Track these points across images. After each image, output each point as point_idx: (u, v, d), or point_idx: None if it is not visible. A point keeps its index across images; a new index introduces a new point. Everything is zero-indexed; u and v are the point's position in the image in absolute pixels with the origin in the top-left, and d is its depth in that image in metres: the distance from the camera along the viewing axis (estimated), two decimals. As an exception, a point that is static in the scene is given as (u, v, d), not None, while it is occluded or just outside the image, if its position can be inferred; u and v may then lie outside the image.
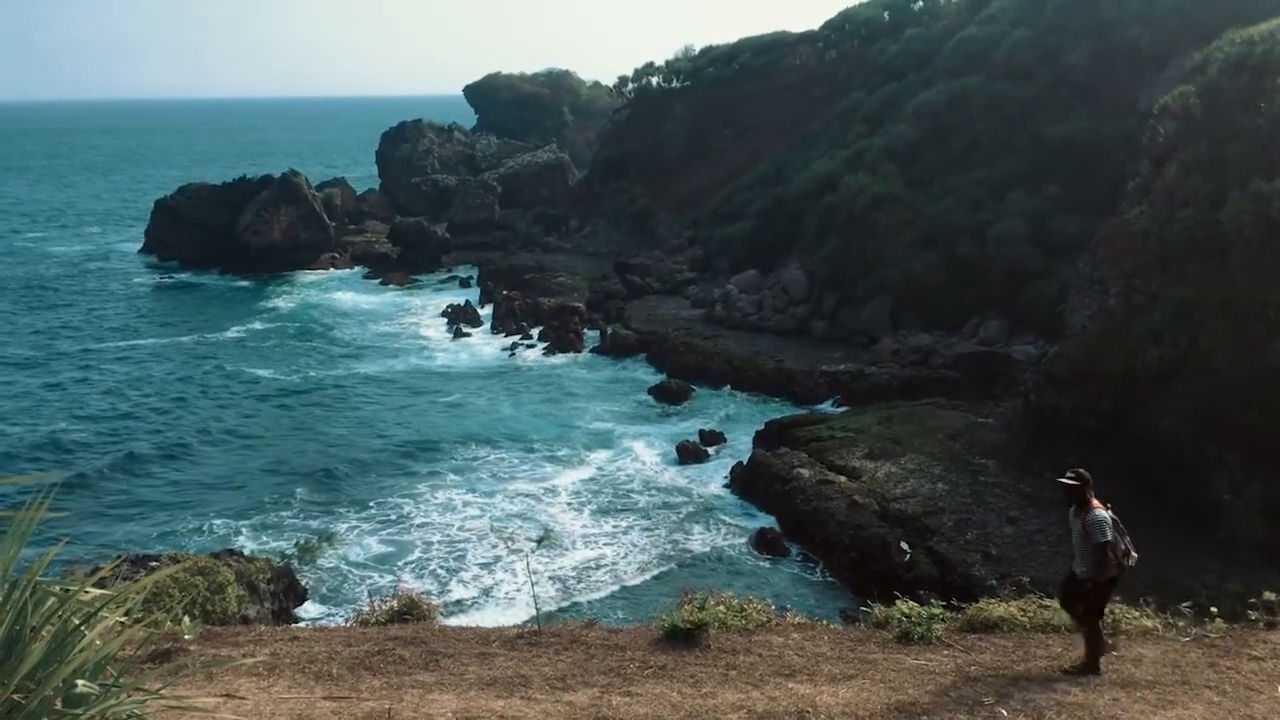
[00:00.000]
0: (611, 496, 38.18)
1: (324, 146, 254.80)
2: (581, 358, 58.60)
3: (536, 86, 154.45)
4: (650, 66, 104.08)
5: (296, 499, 37.68)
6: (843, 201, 60.99)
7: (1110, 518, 8.74)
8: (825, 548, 32.69)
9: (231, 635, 9.36)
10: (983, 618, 9.68)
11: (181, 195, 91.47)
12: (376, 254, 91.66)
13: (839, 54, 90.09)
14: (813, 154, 72.38)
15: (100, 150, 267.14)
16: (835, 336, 56.68)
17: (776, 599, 21.61)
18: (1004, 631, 9.53)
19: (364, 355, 59.85)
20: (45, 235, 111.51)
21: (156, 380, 54.26)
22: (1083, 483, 8.88)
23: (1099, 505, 8.86)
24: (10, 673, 3.65)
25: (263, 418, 47.80)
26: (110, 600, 4.23)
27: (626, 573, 31.99)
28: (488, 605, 29.50)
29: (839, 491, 34.91)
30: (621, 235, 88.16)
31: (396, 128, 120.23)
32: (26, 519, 4.25)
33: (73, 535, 32.74)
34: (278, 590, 25.39)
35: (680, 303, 67.89)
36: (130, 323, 68.81)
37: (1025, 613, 9.82)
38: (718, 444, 43.54)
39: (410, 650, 8.91)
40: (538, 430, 45.71)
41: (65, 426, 46.57)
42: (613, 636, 9.38)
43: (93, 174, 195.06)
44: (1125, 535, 8.83)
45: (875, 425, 41.06)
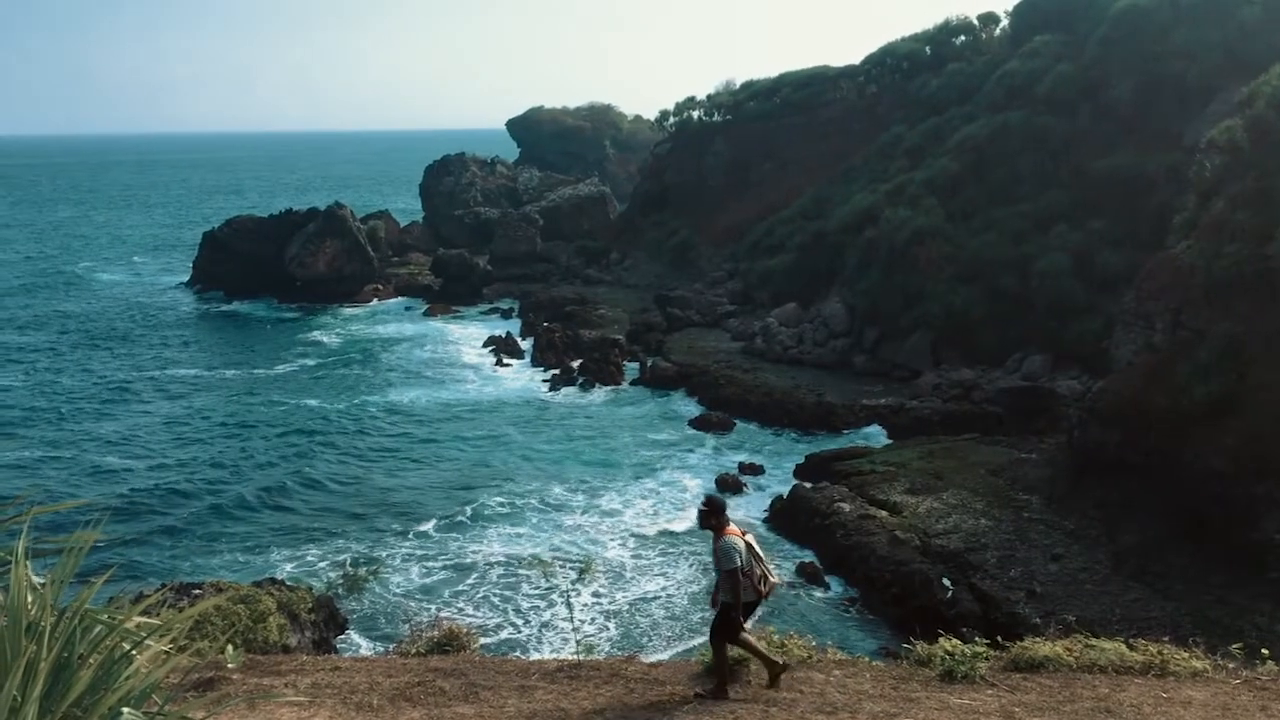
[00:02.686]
0: (651, 528, 38.07)
1: (368, 179, 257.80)
2: (621, 390, 58.64)
3: (578, 120, 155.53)
4: (691, 100, 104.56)
5: (338, 528, 37.91)
6: (883, 235, 60.82)
7: (743, 544, 8.88)
8: (865, 583, 32.39)
9: (273, 665, 9.40)
10: (1028, 657, 9.52)
11: (229, 227, 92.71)
12: (419, 285, 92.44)
13: (880, 88, 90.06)
14: (853, 187, 72.31)
15: (152, 182, 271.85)
16: (876, 370, 56.39)
17: (816, 634, 21.40)
18: (1050, 671, 9.36)
19: (407, 386, 60.21)
20: (94, 264, 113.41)
21: (200, 410, 54.86)
22: (712, 509, 9.06)
23: (733, 531, 9.00)
24: (58, 699, 3.69)
25: (306, 448, 48.13)
26: (157, 629, 4.27)
27: (666, 605, 31.84)
28: (528, 637, 29.45)
29: (880, 526, 34.62)
30: (662, 268, 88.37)
31: (440, 161, 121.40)
32: (76, 546, 4.31)
33: (118, 563, 33.08)
34: (319, 620, 25.43)
35: (720, 335, 67.87)
36: (176, 353, 69.68)
37: (1071, 652, 9.64)
38: (757, 476, 43.36)
39: (450, 682, 8.91)
40: (578, 462, 45.74)
41: (110, 454, 47.15)
42: (653, 671, 9.33)
43: (145, 206, 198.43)
44: (761, 562, 8.97)
45: (916, 460, 40.75)
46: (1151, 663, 9.41)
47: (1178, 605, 28.26)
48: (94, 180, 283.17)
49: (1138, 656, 9.55)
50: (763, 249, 76.27)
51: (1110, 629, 23.53)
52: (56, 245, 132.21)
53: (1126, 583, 30.01)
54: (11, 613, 3.75)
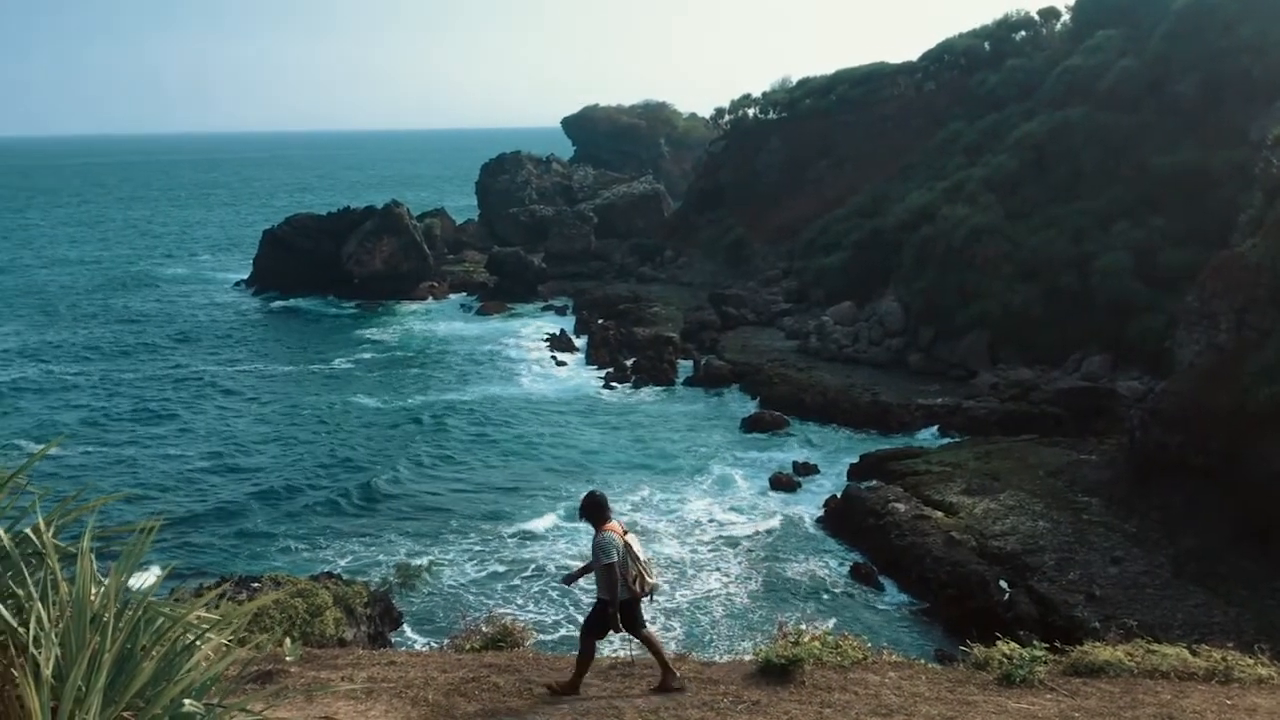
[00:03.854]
0: (704, 526, 38.03)
1: (425, 178, 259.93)
2: (675, 388, 58.61)
3: (633, 118, 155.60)
4: (747, 98, 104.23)
5: (393, 524, 38.29)
6: (941, 233, 60.21)
7: (622, 542, 8.94)
8: (920, 584, 32.10)
9: (330, 658, 9.51)
10: (1088, 661, 9.37)
11: (288, 225, 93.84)
12: (474, 283, 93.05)
13: (938, 85, 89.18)
14: (910, 185, 71.69)
15: (217, 181, 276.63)
16: (932, 369, 55.84)
17: (870, 635, 21.29)
18: (1110, 677, 9.21)
19: (461, 383, 60.64)
20: (159, 262, 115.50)
21: (259, 406, 55.65)
22: (593, 504, 9.26)
23: (613, 528, 9.06)
24: (122, 690, 3.74)
25: (363, 444, 48.65)
26: (217, 622, 4.32)
27: (719, 604, 31.79)
28: (572, 637, 29.50)
29: (935, 527, 34.29)
30: (716, 266, 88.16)
31: (495, 159, 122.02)
32: (138, 540, 4.37)
33: (179, 556, 33.68)
34: (374, 614, 25.70)
35: (775, 334, 67.58)
36: (235, 349, 70.73)
37: (1133, 657, 9.48)
38: (811, 476, 43.13)
39: (504, 678, 8.96)
40: (631, 459, 45.80)
41: (170, 449, 47.98)
42: (706, 670, 9.31)
43: (211, 204, 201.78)
44: (639, 561, 9.03)
45: (973, 460, 40.32)
46: (1215, 669, 9.23)
47: (1241, 610, 27.71)
48: (163, 179, 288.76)
49: (1201, 662, 9.37)
50: (818, 247, 75.85)
51: (1172, 634, 23.15)
52: (124, 244, 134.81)
53: (1188, 587, 29.47)
54: (77, 605, 3.81)
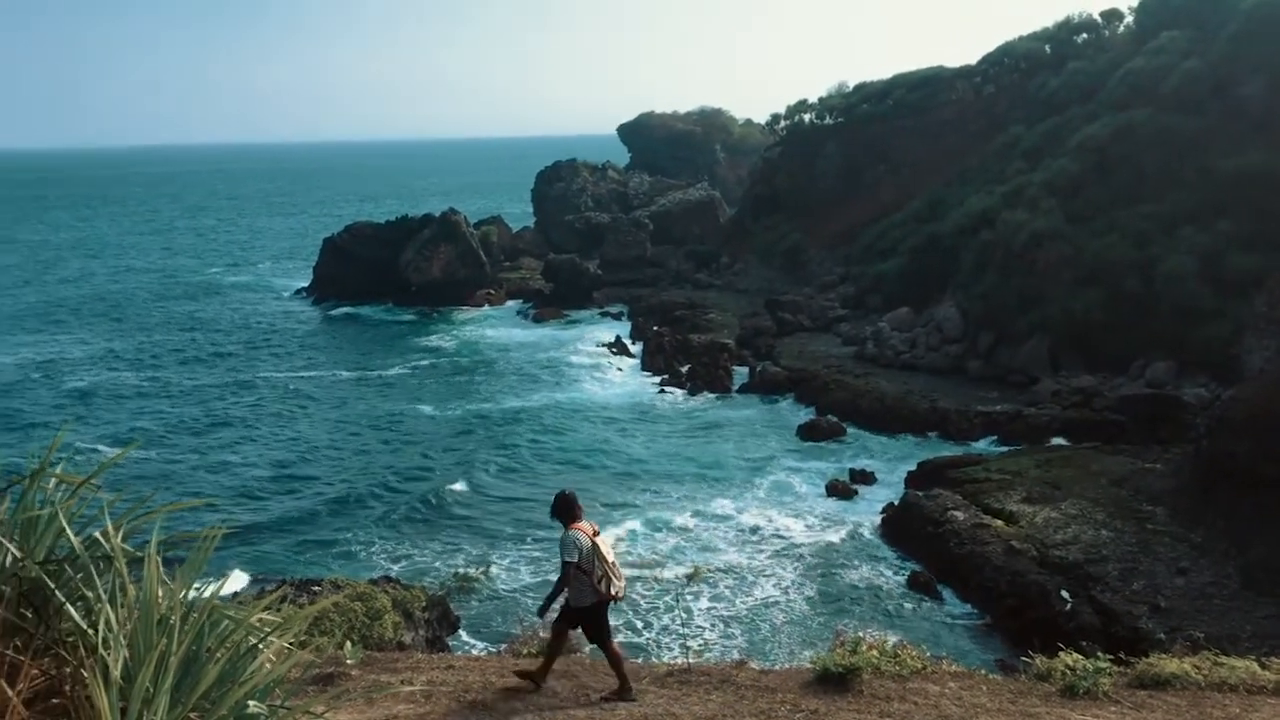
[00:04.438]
0: (761, 533, 37.86)
1: (483, 186, 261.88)
2: (731, 394, 58.47)
3: (689, 124, 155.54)
4: (803, 104, 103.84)
5: (451, 529, 38.57)
6: (1000, 238, 59.52)
7: (589, 542, 8.82)
8: (980, 593, 31.70)
9: (390, 662, 9.59)
10: (1153, 674, 9.20)
11: (348, 233, 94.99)
12: (531, 290, 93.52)
13: (997, 88, 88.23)
14: (969, 189, 70.97)
15: (282, 189, 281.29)
16: (991, 376, 55.18)
17: (929, 644, 21.02)
18: (1177, 689, 9.03)
19: (518, 390, 60.95)
20: (223, 270, 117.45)
21: (319, 411, 56.37)
22: (559, 503, 9.22)
23: (582, 528, 8.96)
24: (188, 691, 3.79)
25: (420, 451, 49.07)
26: (280, 625, 4.38)
27: (777, 611, 31.63)
28: (638, 640, 29.52)
29: (995, 536, 33.84)
30: (772, 272, 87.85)
31: (551, 166, 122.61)
32: (204, 543, 4.44)
33: (242, 559, 34.18)
34: (432, 618, 25.87)
35: (831, 340, 67.18)
36: (296, 355, 71.72)
37: (1200, 670, 9.29)
38: (869, 483, 42.79)
39: (561, 683, 8.98)
40: (687, 466, 45.74)
41: (233, 454, 48.73)
42: (763, 678, 9.26)
43: (276, 212, 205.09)
44: (606, 563, 8.84)
45: (1034, 468, 39.76)
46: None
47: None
48: (229, 188, 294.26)
49: (1271, 675, 9.16)
50: (875, 252, 75.33)
51: (1240, 646, 22.63)
52: (189, 252, 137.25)
53: (1257, 598, 28.81)
54: (144, 607, 3.88)
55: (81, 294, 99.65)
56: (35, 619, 4.06)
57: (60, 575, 4.15)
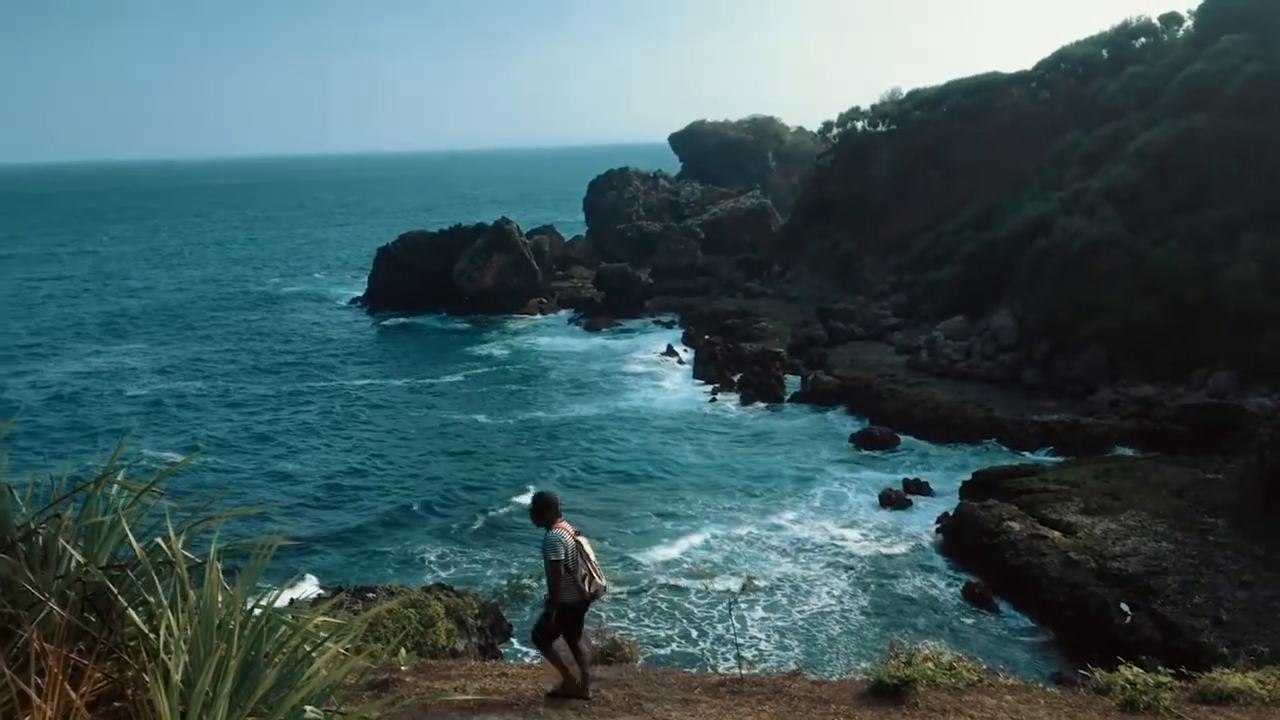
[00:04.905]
0: (815, 544, 37.64)
1: (536, 195, 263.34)
2: (783, 403, 58.23)
3: (740, 133, 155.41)
4: (856, 111, 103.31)
5: (503, 536, 38.72)
6: (1057, 245, 58.76)
7: (571, 541, 8.95)
8: (1037, 606, 31.27)
9: (443, 669, 9.65)
10: (1216, 689, 9.01)
11: (402, 243, 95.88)
12: (582, 299, 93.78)
13: (1053, 94, 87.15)
14: (1024, 196, 70.16)
15: (344, 201, 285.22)
16: (1048, 385, 54.44)
17: (985, 657, 20.80)
18: (1240, 705, 8.84)
19: (569, 399, 61.13)
20: (281, 280, 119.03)
21: (373, 420, 56.90)
22: (539, 504, 9.29)
23: (564, 528, 9.05)
24: (246, 696, 3.84)
25: (476, 459, 49.37)
26: (336, 631, 4.43)
27: (832, 622, 31.42)
28: (690, 650, 29.46)
29: (1052, 547, 33.36)
30: (824, 280, 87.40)
31: (603, 176, 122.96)
32: (262, 549, 4.50)
33: (298, 566, 34.55)
34: (484, 625, 25.99)
35: (884, 349, 66.69)
36: (350, 363, 72.48)
37: (1264, 685, 9.08)
38: (923, 494, 42.40)
39: (614, 692, 8.98)
40: (739, 475, 45.61)
41: (289, 462, 49.32)
42: (816, 688, 9.20)
43: (331, 223, 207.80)
44: (588, 562, 8.99)
45: (1091, 479, 39.15)
46: (1354, 700, 8.80)
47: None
48: (292, 199, 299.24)
49: (1338, 692, 8.94)
50: (928, 260, 74.68)
51: (1306, 662, 22.10)
52: (249, 262, 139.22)
53: (1324, 613, 28.15)
54: (204, 613, 3.94)
55: (144, 304, 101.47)
56: (99, 623, 4.14)
57: (123, 580, 4.22)
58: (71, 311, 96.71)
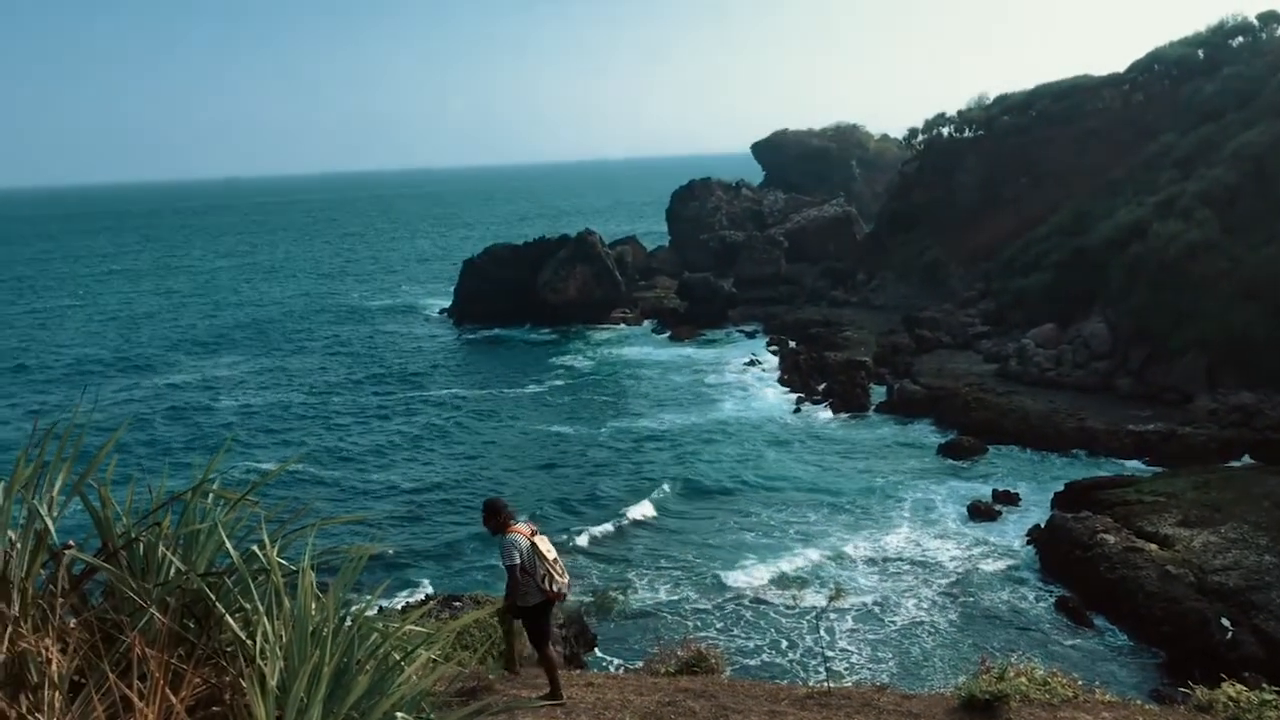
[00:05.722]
0: (903, 555, 37.16)
1: (620, 206, 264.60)
2: (868, 412, 57.63)
3: (824, 141, 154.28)
4: (941, 117, 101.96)
5: (587, 546, 38.88)
6: (1151, 250, 57.34)
7: (527, 543, 8.82)
8: (1133, 620, 30.47)
9: (530, 678, 9.70)
10: (1324, 708, 8.69)
11: (486, 255, 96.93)
12: (665, 309, 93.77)
13: (1146, 96, 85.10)
14: (1117, 201, 68.58)
15: (432, 213, 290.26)
16: (1143, 394, 53.07)
17: (1080, 672, 20.29)
18: (1350, 725, 8.51)
19: (654, 409, 61.18)
20: (368, 292, 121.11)
21: (460, 430, 57.53)
22: (490, 510, 9.20)
23: (518, 530, 8.92)
24: (339, 702, 3.90)
25: (562, 469, 49.64)
26: (426, 638, 4.48)
27: (920, 634, 30.98)
28: (779, 661, 29.27)
29: (1149, 560, 32.48)
30: (910, 288, 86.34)
31: (686, 186, 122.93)
32: (354, 558, 4.57)
33: (387, 574, 35.07)
34: (570, 635, 26.14)
35: (972, 357, 65.64)
36: (437, 374, 73.41)
37: (1376, 705, 8.73)
38: (1013, 505, 41.60)
39: (700, 703, 8.94)
40: (827, 485, 45.23)
41: (376, 471, 50.11)
42: (906, 702, 9.06)
43: (420, 236, 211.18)
44: (546, 561, 8.86)
45: (1190, 490, 38.05)
46: None
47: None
48: (389, 213, 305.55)
49: None
50: (1017, 267, 73.37)
51: None
52: (341, 276, 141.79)
53: None
54: (299, 620, 4.01)
55: (238, 318, 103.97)
56: (197, 629, 4.23)
57: (220, 587, 4.32)
58: (170, 325, 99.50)
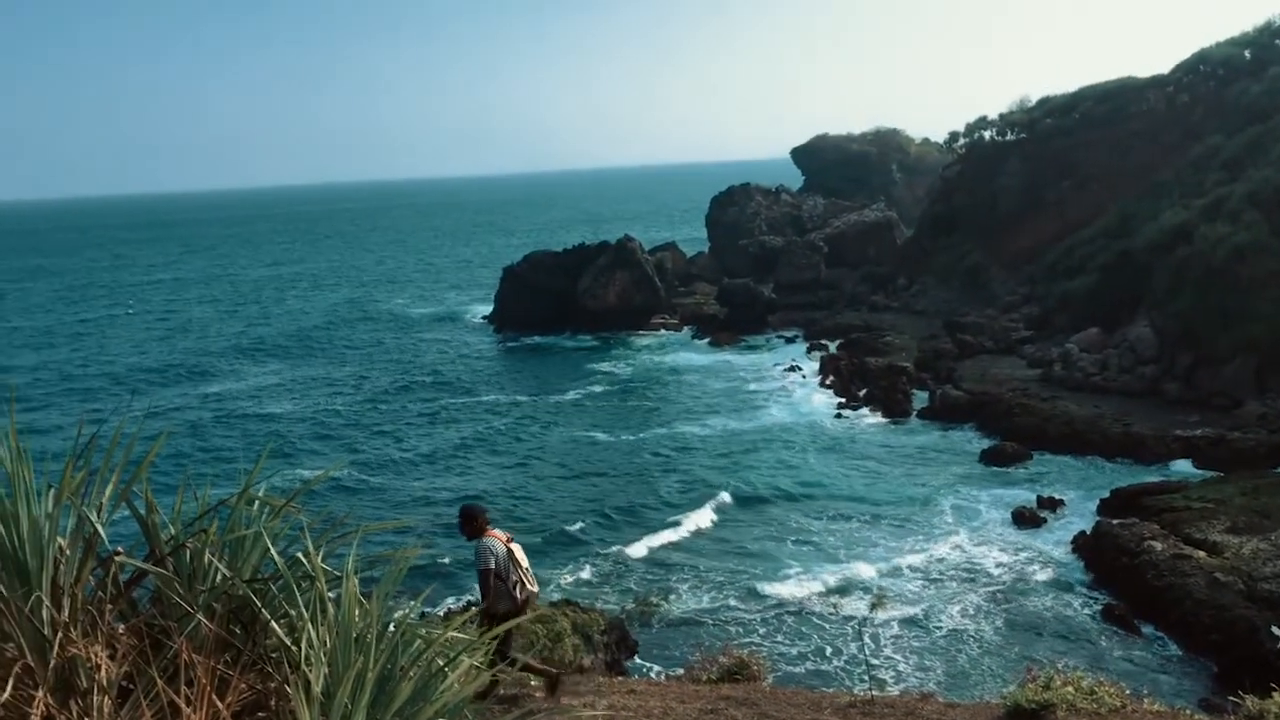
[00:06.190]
0: (946, 562, 36.83)
1: (659, 212, 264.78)
2: (910, 418, 57.24)
3: (863, 145, 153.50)
4: (983, 120, 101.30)
5: (628, 552, 38.83)
6: (1198, 253, 56.56)
7: (503, 549, 8.91)
8: (1181, 628, 30.02)
9: (572, 685, 9.70)
10: (1379, 719, 8.52)
11: (526, 262, 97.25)
12: (705, 315, 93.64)
13: (1192, 97, 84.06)
14: (1162, 203, 67.74)
15: (474, 221, 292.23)
16: (1190, 398, 52.35)
17: (1127, 681, 20.02)
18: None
19: (695, 414, 61.08)
20: (409, 300, 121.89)
21: (501, 437, 57.69)
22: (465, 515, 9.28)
23: (495, 535, 9.02)
24: (383, 708, 3.92)
25: (604, 476, 49.65)
26: (468, 645, 4.49)
27: (965, 642, 30.69)
28: (824, 668, 29.10)
29: (1197, 567, 32.00)
30: (951, 293, 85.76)
31: (725, 192, 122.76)
32: (398, 564, 4.59)
33: (430, 580, 35.20)
34: (610, 641, 26.13)
35: (1015, 362, 65.05)
36: (478, 381, 73.67)
37: None
38: (1058, 511, 41.14)
39: (742, 711, 8.91)
40: (869, 491, 44.95)
41: (418, 478, 50.36)
42: (950, 711, 8.98)
43: (465, 243, 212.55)
44: (520, 568, 8.90)
45: (1239, 496, 37.45)
46: None
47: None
48: (437, 220, 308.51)
49: None
50: (1060, 271, 72.67)
51: None
52: (383, 284, 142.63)
53: None
54: (343, 626, 4.03)
55: (284, 325, 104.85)
56: (243, 635, 4.27)
57: (265, 593, 4.36)
58: (215, 333, 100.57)
